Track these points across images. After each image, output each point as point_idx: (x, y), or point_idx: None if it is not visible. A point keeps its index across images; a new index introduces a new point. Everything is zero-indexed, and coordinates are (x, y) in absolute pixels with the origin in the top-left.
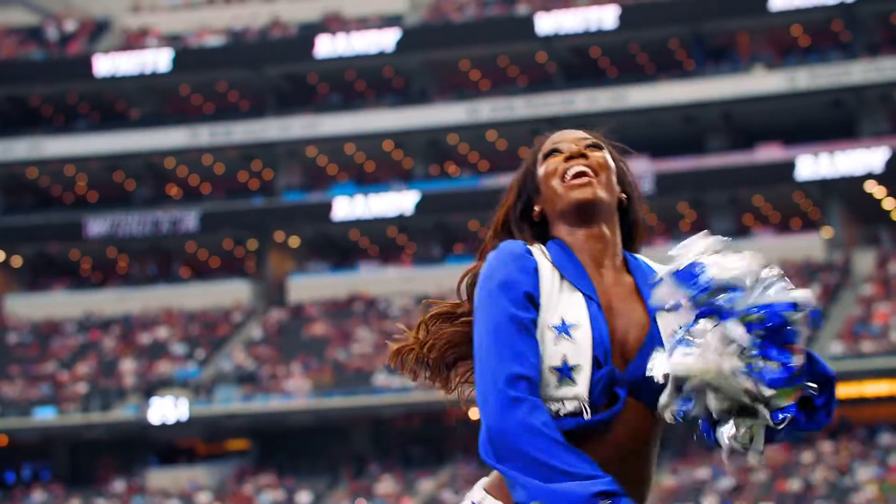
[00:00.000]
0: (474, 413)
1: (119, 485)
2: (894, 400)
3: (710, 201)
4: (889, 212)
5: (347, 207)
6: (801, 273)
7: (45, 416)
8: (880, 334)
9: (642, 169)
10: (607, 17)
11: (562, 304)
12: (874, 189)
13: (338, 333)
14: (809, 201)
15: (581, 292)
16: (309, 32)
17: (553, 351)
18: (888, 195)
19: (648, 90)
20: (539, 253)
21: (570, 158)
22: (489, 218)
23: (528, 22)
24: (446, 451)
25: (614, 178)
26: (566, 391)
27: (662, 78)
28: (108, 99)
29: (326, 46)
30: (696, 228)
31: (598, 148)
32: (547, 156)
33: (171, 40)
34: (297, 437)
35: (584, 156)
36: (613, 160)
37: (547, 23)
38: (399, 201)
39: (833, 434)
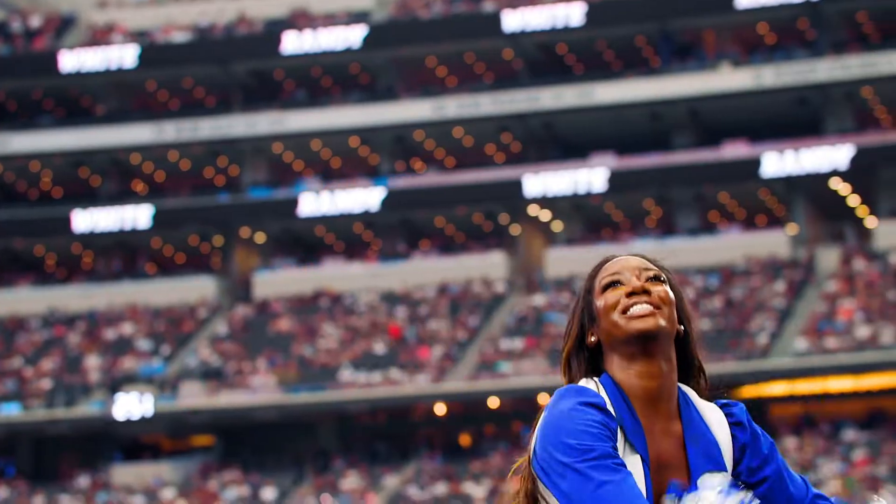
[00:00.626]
0: (439, 409)
1: (83, 480)
2: (858, 396)
3: (676, 198)
4: (854, 209)
5: (313, 203)
6: (766, 269)
7: (9, 411)
8: (844, 330)
9: (608, 165)
10: (574, 14)
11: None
12: (839, 186)
13: (303, 329)
14: (775, 198)
15: (638, 454)
16: (275, 28)
17: None
18: (853, 192)
19: (615, 87)
20: (608, 405)
21: (631, 294)
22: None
23: (494, 19)
24: (411, 447)
25: (675, 313)
26: None
27: (629, 75)
28: (73, 95)
29: (293, 43)
30: (661, 225)
31: (659, 280)
32: (606, 287)
33: (137, 36)
34: (262, 433)
35: (646, 291)
36: (672, 290)
37: (513, 19)
38: (365, 197)
39: (797, 430)
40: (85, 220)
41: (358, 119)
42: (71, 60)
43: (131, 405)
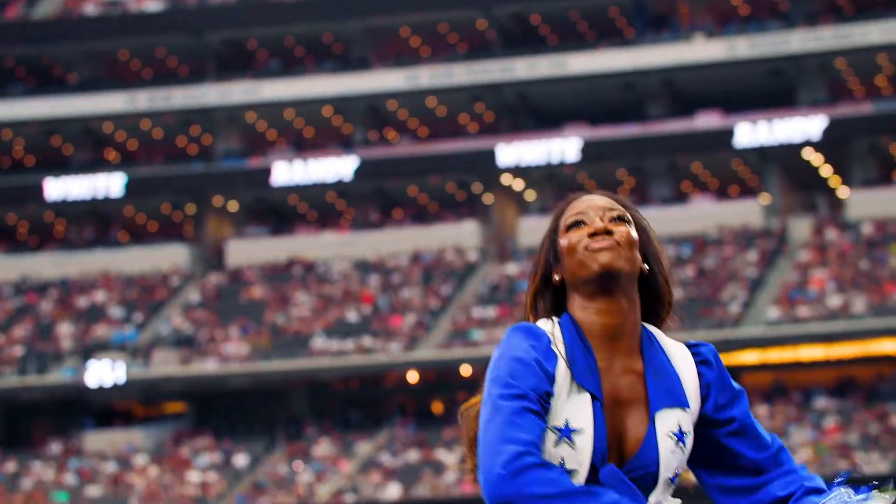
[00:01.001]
0: (412, 377)
1: (56, 447)
2: (829, 364)
3: (649, 168)
4: (826, 179)
5: (286, 173)
6: (738, 239)
7: None
8: (816, 299)
9: (581, 135)
10: None
11: (569, 405)
12: (811, 156)
13: (276, 297)
14: (747, 168)
15: (589, 392)
16: None
17: (553, 453)
18: (825, 163)
19: (588, 57)
20: (554, 345)
21: (594, 234)
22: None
23: None
24: (383, 414)
25: (637, 254)
26: None
27: (603, 45)
28: (45, 63)
29: (266, 13)
30: (634, 194)
31: (623, 220)
32: (570, 226)
33: (109, 5)
34: (234, 400)
35: (608, 232)
36: (638, 229)
37: None
38: (338, 167)
39: (768, 397)
40: (57, 188)
41: (331, 89)
42: (43, 29)
43: (104, 372)
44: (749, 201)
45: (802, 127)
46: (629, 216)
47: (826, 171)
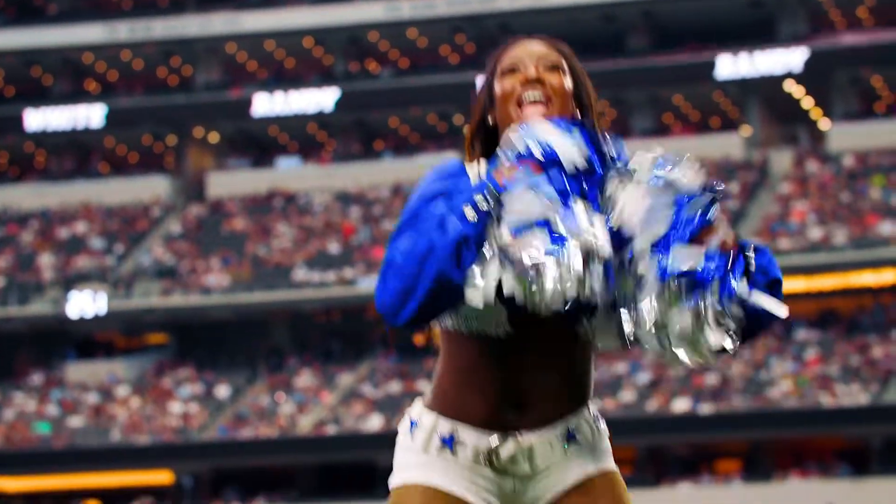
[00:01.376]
0: None
1: (37, 378)
2: (810, 296)
3: (631, 100)
4: (807, 111)
5: (267, 104)
6: (719, 171)
7: None
8: (797, 232)
9: None
10: None
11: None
12: (793, 89)
13: (257, 229)
14: (729, 101)
15: None
16: None
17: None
18: (806, 95)
19: None
20: (469, 168)
21: (526, 83)
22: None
23: None
24: (365, 346)
25: (570, 102)
26: None
27: None
28: None
29: None
30: (615, 126)
31: (557, 69)
32: (505, 72)
33: None
34: (215, 332)
35: (540, 81)
36: (573, 75)
37: None
38: (318, 98)
39: None
40: (37, 119)
41: (311, 20)
42: None
43: (85, 303)
44: (730, 134)
45: (783, 59)
46: (564, 65)
47: (807, 103)
